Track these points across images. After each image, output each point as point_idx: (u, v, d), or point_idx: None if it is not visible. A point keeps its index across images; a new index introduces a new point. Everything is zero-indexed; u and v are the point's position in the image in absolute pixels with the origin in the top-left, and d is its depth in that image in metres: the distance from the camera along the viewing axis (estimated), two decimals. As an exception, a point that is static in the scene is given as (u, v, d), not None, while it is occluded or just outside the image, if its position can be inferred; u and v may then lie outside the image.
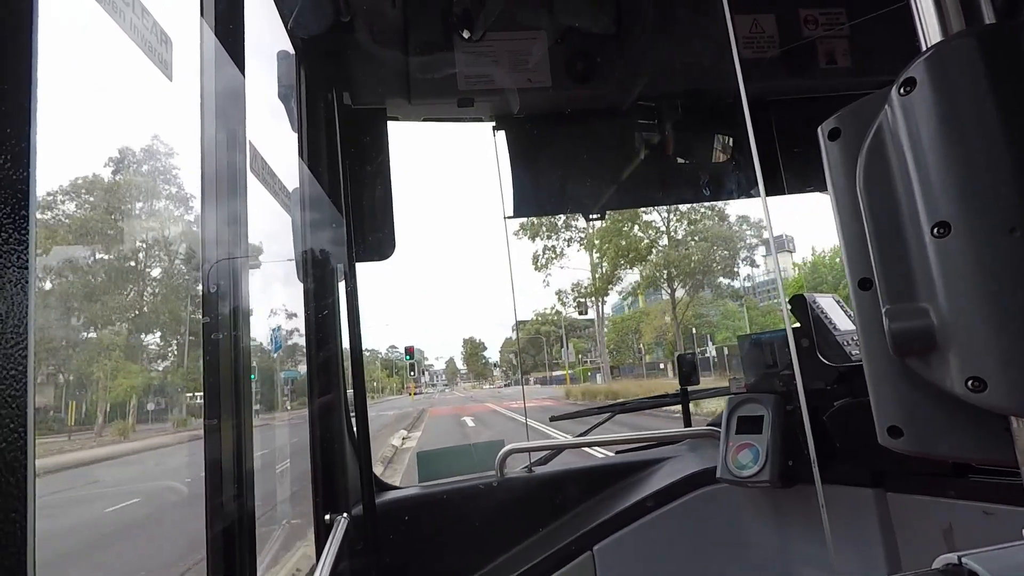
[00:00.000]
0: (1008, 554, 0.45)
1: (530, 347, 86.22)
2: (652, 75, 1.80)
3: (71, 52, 18.18)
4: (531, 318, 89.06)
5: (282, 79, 1.63)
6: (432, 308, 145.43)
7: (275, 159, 1.54)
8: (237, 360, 1.09)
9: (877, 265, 0.53)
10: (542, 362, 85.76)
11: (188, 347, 17.43)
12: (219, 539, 0.97)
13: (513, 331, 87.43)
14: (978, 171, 0.45)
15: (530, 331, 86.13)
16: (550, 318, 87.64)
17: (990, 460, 0.51)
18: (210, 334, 1.05)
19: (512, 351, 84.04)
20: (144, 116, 24.72)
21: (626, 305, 51.47)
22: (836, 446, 1.33)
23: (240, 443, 1.05)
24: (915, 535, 1.22)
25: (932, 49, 0.48)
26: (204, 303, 1.08)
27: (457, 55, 1.70)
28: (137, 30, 0.88)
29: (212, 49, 1.11)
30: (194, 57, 1.06)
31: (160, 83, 1.00)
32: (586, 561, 1.55)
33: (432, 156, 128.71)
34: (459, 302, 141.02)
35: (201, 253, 1.11)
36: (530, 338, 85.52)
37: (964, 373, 0.46)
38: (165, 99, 15.59)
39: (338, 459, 1.56)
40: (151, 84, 19.97)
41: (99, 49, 21.15)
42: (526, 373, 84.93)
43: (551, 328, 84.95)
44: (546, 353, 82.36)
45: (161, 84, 1.01)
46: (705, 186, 1.98)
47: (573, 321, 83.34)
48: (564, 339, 47.38)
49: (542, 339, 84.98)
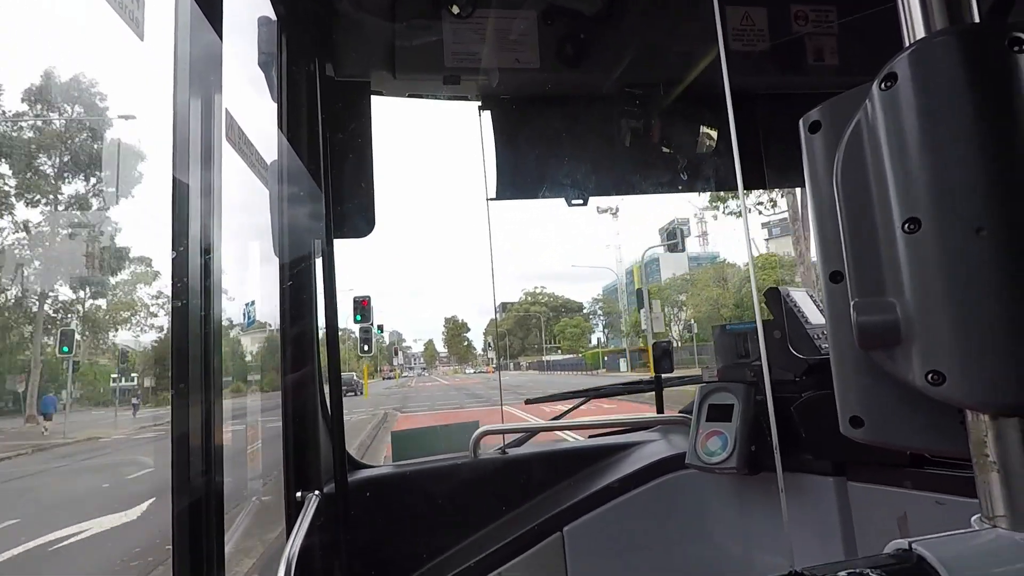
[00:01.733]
0: (955, 540, 0.47)
1: (518, 329, 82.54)
2: (641, 61, 1.79)
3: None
4: (520, 298, 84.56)
5: (262, 46, 1.58)
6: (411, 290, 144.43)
7: (254, 130, 1.50)
8: (207, 334, 1.07)
9: (849, 258, 0.53)
10: (532, 344, 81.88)
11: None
12: (185, 517, 0.96)
13: (497, 312, 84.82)
14: (950, 169, 0.45)
15: (519, 311, 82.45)
16: (540, 298, 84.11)
17: (945, 452, 0.53)
18: (179, 307, 1.03)
19: (500, 331, 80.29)
20: (113, 75, 23.81)
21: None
22: (802, 435, 1.36)
23: (208, 418, 1.04)
24: (872, 522, 1.26)
25: (914, 45, 0.48)
26: (174, 274, 1.06)
27: (445, 30, 1.67)
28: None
29: (188, 10, 1.07)
30: (168, 16, 1.02)
31: (131, 42, 0.96)
32: (555, 542, 1.57)
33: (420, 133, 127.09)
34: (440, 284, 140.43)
35: (172, 222, 1.08)
36: (519, 318, 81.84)
37: (925, 367, 0.47)
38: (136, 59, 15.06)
39: (310, 436, 1.55)
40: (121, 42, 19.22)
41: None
42: (514, 357, 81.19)
43: (541, 309, 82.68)
44: (541, 334, 78.81)
45: (132, 43, 0.98)
46: (689, 175, 1.99)
47: (566, 302, 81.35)
48: (645, 296, 33.30)
49: (532, 319, 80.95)
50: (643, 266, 48.13)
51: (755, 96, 1.93)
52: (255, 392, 8.18)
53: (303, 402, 1.56)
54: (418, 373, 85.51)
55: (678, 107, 1.89)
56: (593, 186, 1.93)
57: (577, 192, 1.89)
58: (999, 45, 0.45)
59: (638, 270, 61.83)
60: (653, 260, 61.61)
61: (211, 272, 1.07)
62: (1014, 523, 0.46)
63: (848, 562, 0.45)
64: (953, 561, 0.43)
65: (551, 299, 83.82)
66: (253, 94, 1.63)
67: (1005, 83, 0.45)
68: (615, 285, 75.21)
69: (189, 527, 0.95)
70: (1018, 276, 0.43)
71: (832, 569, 0.45)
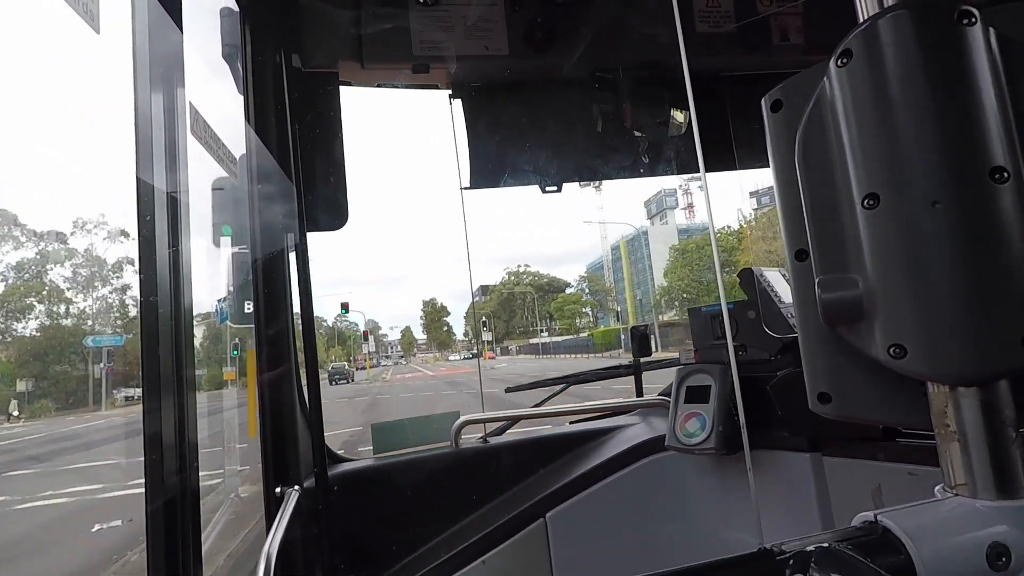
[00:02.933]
0: (919, 510, 0.48)
1: (501, 311, 78.62)
2: (610, 45, 1.79)
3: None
4: (503, 278, 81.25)
5: (225, 38, 1.54)
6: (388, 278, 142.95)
7: (220, 124, 1.47)
8: (178, 332, 1.05)
9: (812, 236, 0.54)
10: (516, 328, 77.80)
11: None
12: (160, 516, 0.95)
13: (475, 296, 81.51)
14: (905, 144, 0.46)
15: (501, 292, 79.13)
16: (524, 277, 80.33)
17: (910, 424, 0.54)
18: (149, 307, 1.01)
19: (482, 314, 75.34)
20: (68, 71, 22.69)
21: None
22: (777, 413, 1.38)
23: (182, 416, 1.02)
24: (847, 496, 1.29)
25: (867, 22, 0.49)
26: (142, 273, 1.03)
27: (412, 18, 1.65)
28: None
29: (146, 2, 1.04)
30: (125, 9, 0.99)
31: (87, 36, 0.93)
32: (539, 528, 1.58)
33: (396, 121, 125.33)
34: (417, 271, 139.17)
35: (138, 220, 1.05)
36: (502, 299, 78.12)
37: (886, 340, 0.48)
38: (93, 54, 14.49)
39: (289, 431, 1.54)
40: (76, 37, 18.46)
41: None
42: (499, 341, 77.35)
43: (526, 288, 78.91)
44: (533, 313, 74.74)
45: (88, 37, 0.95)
46: (661, 158, 2.00)
47: (552, 280, 77.94)
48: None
49: (517, 300, 77.43)
50: (630, 241, 46.39)
51: (723, 77, 1.94)
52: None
53: (280, 396, 1.54)
54: (395, 362, 79.53)
55: (648, 90, 1.89)
56: (567, 172, 1.92)
57: (551, 178, 1.89)
58: (948, 19, 0.46)
59: (624, 245, 60.11)
60: (642, 234, 60.67)
61: (179, 268, 1.06)
62: (974, 490, 0.48)
63: (816, 536, 0.46)
64: (917, 531, 0.44)
65: (535, 278, 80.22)
66: (219, 87, 1.59)
67: (955, 56, 0.45)
68: (600, 262, 72.72)
69: (164, 526, 0.94)
70: (973, 248, 0.44)
71: (801, 544, 0.45)
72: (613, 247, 68.61)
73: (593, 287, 71.00)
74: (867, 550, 0.44)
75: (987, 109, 0.45)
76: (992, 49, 0.45)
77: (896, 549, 0.44)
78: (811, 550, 0.44)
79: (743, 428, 1.18)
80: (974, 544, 0.44)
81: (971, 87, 0.45)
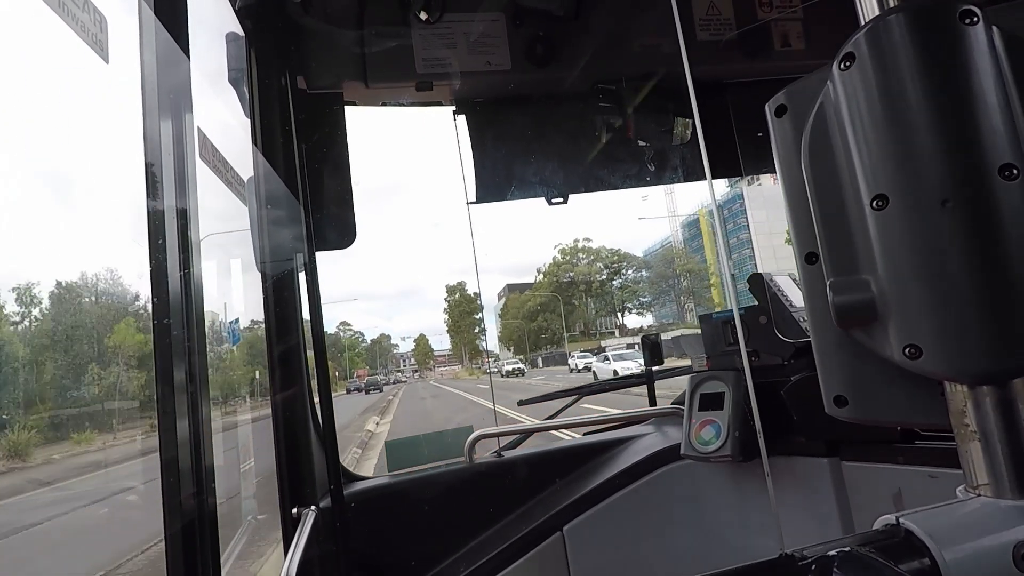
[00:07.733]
0: (941, 511, 0.47)
1: (545, 310, 59.13)
2: (613, 57, 1.80)
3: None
4: (555, 258, 59.69)
5: (231, 62, 1.57)
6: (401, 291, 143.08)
7: (228, 147, 1.49)
8: (191, 356, 1.05)
9: (821, 239, 0.54)
10: (573, 326, 58.26)
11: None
12: (179, 539, 0.95)
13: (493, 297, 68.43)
14: (911, 144, 0.46)
15: (554, 279, 59.46)
16: (582, 257, 58.62)
17: (927, 424, 0.53)
18: (162, 331, 1.02)
19: (518, 316, 57.69)
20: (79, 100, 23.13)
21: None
22: (793, 419, 1.37)
23: (198, 436, 1.03)
24: (868, 501, 1.27)
25: (869, 24, 0.49)
26: (155, 297, 1.04)
27: (414, 37, 1.67)
28: (66, 7, 0.83)
29: (152, 30, 1.06)
30: (133, 38, 1.01)
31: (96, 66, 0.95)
32: (556, 542, 1.57)
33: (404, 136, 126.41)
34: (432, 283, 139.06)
35: (149, 244, 1.06)
36: (555, 287, 58.16)
37: (901, 341, 0.47)
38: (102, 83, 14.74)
39: (303, 451, 1.54)
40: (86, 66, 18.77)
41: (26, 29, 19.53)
42: (533, 352, 60.09)
43: (591, 269, 57.32)
44: (600, 304, 56.74)
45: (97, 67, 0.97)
46: (668, 167, 2.00)
47: (625, 255, 56.96)
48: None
49: (580, 287, 58.47)
50: (718, 208, 37.44)
51: (726, 85, 1.95)
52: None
53: (294, 417, 1.54)
54: (405, 378, 63.17)
55: (652, 100, 1.90)
56: (573, 183, 1.93)
57: (557, 190, 1.89)
58: (950, 19, 0.46)
59: (705, 216, 50.63)
60: (734, 198, 49.99)
61: (191, 292, 1.06)
62: (997, 490, 0.47)
63: (838, 541, 0.46)
64: (940, 532, 0.44)
65: (595, 256, 57.68)
66: (226, 111, 1.62)
67: (958, 56, 0.45)
68: (655, 249, 60.81)
69: (183, 547, 0.94)
70: (986, 245, 0.44)
71: (822, 549, 0.45)
72: (685, 223, 56.29)
73: (681, 267, 56.15)
74: (890, 553, 0.43)
75: (993, 107, 0.44)
76: (995, 47, 0.45)
77: (920, 552, 0.43)
78: (833, 555, 0.44)
79: (759, 434, 1.17)
80: (999, 545, 0.43)
81: (976, 85, 0.45)
